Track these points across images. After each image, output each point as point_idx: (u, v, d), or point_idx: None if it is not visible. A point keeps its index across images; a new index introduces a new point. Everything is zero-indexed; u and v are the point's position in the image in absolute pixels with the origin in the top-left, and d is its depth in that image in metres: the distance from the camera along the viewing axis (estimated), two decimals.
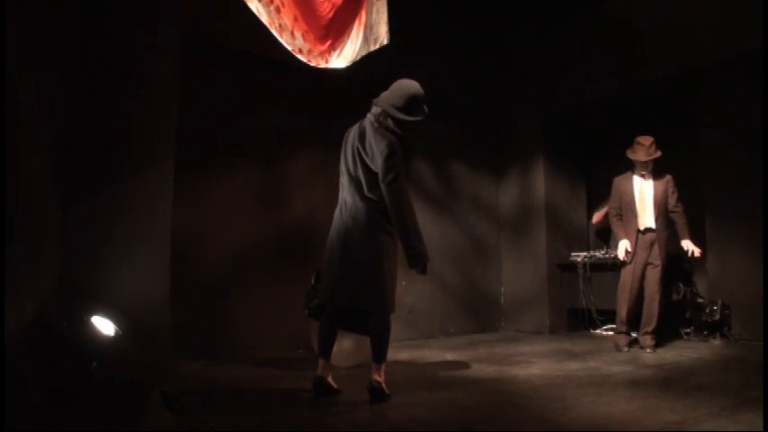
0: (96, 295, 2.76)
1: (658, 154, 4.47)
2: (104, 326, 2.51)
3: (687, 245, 4.47)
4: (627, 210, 4.60)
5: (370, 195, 2.89)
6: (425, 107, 2.99)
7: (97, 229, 2.94)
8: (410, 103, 2.93)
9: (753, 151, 4.60)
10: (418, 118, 2.95)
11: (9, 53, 1.88)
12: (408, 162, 3.07)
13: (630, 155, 4.55)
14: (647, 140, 4.49)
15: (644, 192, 4.54)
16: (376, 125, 2.92)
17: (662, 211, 4.48)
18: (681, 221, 4.51)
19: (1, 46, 1.83)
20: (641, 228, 4.51)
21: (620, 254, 4.59)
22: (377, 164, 2.84)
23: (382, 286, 2.83)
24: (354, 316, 2.98)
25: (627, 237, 4.57)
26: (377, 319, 2.88)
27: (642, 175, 4.55)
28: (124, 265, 2.98)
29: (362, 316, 2.95)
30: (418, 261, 2.83)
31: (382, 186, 2.83)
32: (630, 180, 4.62)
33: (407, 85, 2.98)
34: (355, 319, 3.00)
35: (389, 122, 2.92)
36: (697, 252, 4.46)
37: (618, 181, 4.71)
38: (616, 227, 4.73)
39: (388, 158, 2.80)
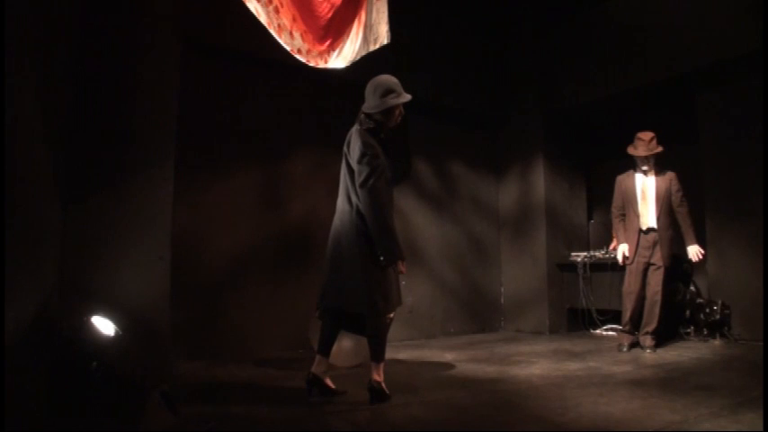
0: (96, 295, 2.76)
1: (659, 149, 4.47)
2: (104, 326, 2.51)
3: (692, 251, 4.45)
4: (629, 209, 4.60)
5: (353, 199, 2.91)
6: (399, 92, 2.95)
7: (97, 229, 2.94)
8: (377, 94, 2.94)
9: (753, 151, 4.61)
10: (391, 104, 2.92)
11: (9, 52, 1.88)
12: (409, 162, 3.07)
13: (631, 151, 4.55)
14: (647, 135, 4.50)
15: (646, 190, 4.53)
16: (358, 127, 2.97)
17: (664, 209, 4.47)
18: (685, 223, 4.47)
19: (1, 46, 1.83)
20: (643, 228, 4.51)
21: (619, 258, 4.61)
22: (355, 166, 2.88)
23: (370, 288, 2.81)
24: (354, 316, 2.99)
25: (628, 238, 4.58)
26: (370, 320, 2.89)
27: (644, 172, 4.55)
28: (124, 265, 2.98)
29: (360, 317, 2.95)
30: (388, 260, 2.81)
31: (357, 188, 2.85)
32: (633, 178, 4.62)
33: (372, 81, 3.01)
34: (355, 320, 3.00)
35: (369, 122, 2.95)
36: (700, 256, 4.46)
37: (620, 180, 4.72)
38: (617, 228, 4.74)
39: (361, 159, 2.83)
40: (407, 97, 2.96)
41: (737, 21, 4.61)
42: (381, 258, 2.80)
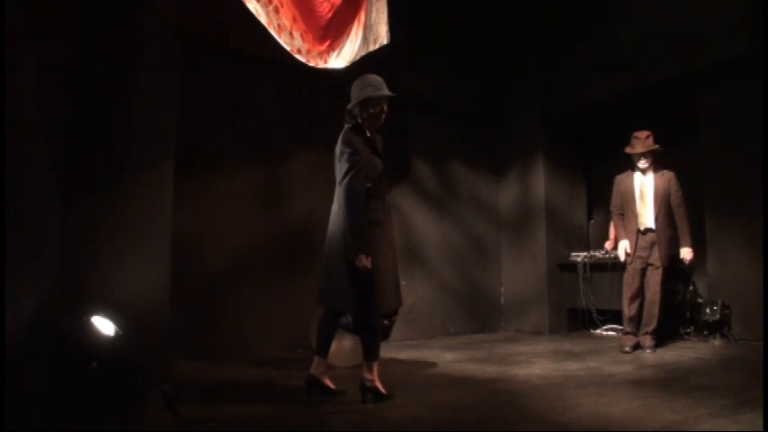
0: (96, 295, 2.76)
1: (656, 146, 4.49)
2: (104, 326, 2.51)
3: (684, 253, 4.46)
4: (627, 209, 4.60)
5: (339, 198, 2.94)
6: (377, 87, 2.96)
7: (97, 229, 2.94)
8: (356, 89, 2.99)
9: (753, 151, 4.60)
10: (364, 96, 2.94)
11: (9, 52, 1.88)
12: (407, 161, 3.09)
13: (628, 150, 4.57)
14: (643, 134, 4.52)
15: (644, 190, 4.53)
16: (344, 127, 3.02)
17: (663, 209, 4.46)
18: (683, 224, 4.46)
19: (1, 45, 1.83)
20: (641, 228, 4.51)
21: (621, 255, 4.61)
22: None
23: (357, 288, 2.81)
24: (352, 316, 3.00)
25: (627, 237, 4.58)
26: (360, 319, 2.90)
27: (642, 171, 4.55)
28: (124, 264, 2.98)
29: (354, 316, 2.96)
30: (351, 254, 2.79)
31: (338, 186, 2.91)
32: (631, 178, 4.62)
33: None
34: (353, 319, 3.01)
35: (351, 119, 3.01)
36: (688, 260, 4.47)
37: (619, 179, 4.72)
38: (616, 226, 4.75)
39: (340, 157, 2.91)
40: (384, 92, 2.96)
41: (737, 21, 4.61)
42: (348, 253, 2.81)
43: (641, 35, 5.28)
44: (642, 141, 4.49)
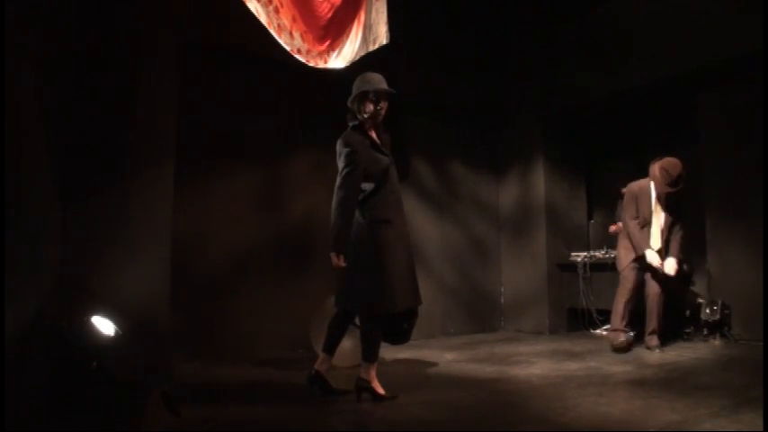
0: (96, 295, 2.77)
1: (681, 186, 4.31)
2: (104, 326, 2.51)
3: (666, 264, 4.40)
4: (642, 218, 4.51)
5: None
6: (374, 83, 2.96)
7: (97, 229, 2.94)
8: (356, 87, 2.99)
9: (753, 151, 4.60)
10: (360, 90, 2.95)
11: (9, 53, 1.89)
12: (407, 161, 3.09)
13: (653, 178, 4.38)
14: (675, 169, 4.28)
15: (660, 199, 4.46)
16: (348, 125, 3.02)
17: (673, 219, 4.46)
18: (676, 236, 4.45)
19: (1, 46, 1.83)
20: (653, 238, 4.48)
21: (656, 263, 4.40)
22: None
23: (359, 287, 2.83)
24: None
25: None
26: (361, 318, 2.92)
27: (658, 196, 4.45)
28: (124, 265, 2.98)
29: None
30: (332, 249, 2.83)
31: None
32: (647, 189, 4.50)
33: None
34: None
35: (351, 118, 3.02)
36: (670, 272, 4.40)
37: (635, 190, 4.56)
38: (635, 230, 4.49)
39: (339, 157, 2.94)
40: (380, 86, 2.95)
41: (738, 20, 4.60)
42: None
43: (641, 35, 5.27)
44: (673, 180, 4.27)
